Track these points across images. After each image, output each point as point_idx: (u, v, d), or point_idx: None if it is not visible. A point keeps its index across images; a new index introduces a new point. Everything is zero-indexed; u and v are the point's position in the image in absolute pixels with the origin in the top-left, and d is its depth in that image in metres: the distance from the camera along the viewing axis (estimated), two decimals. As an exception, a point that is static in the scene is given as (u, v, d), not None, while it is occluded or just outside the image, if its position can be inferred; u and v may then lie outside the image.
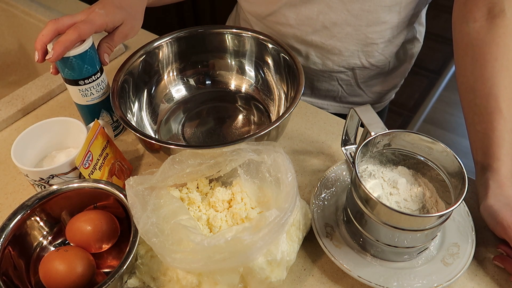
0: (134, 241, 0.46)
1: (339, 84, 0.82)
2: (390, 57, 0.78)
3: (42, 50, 0.55)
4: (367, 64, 0.77)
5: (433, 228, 0.46)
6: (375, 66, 0.78)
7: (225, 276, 0.45)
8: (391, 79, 0.84)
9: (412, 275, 0.49)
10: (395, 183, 0.50)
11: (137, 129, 0.56)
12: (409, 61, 0.83)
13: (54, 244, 0.53)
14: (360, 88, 0.83)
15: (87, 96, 0.61)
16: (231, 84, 0.74)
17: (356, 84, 0.82)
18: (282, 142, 0.68)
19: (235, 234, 0.44)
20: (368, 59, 0.76)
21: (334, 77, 0.80)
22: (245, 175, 0.54)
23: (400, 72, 0.84)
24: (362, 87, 0.83)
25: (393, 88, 0.87)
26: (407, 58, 0.83)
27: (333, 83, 0.82)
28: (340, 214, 0.55)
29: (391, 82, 0.85)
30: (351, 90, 0.83)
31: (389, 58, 0.77)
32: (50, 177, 0.54)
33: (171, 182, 0.51)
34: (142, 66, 0.68)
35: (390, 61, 0.79)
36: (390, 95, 0.90)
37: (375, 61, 0.77)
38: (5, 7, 0.97)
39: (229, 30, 0.71)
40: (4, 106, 0.73)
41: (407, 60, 0.83)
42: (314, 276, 0.52)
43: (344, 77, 0.80)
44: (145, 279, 0.49)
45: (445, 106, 2.02)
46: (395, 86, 0.87)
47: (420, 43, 0.83)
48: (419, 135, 0.49)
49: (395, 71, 0.83)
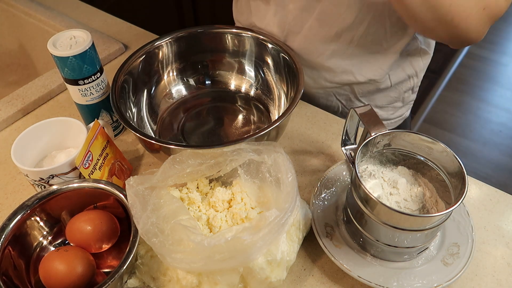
0: (134, 241, 0.46)
1: (337, 100, 0.77)
2: (388, 69, 0.71)
3: None
4: (363, 79, 0.72)
5: (433, 228, 0.46)
6: (373, 80, 0.72)
7: (225, 276, 0.45)
8: (397, 93, 0.77)
9: (412, 275, 0.49)
10: (395, 183, 0.50)
11: (137, 129, 0.56)
12: (417, 74, 0.76)
13: (54, 244, 0.53)
14: (362, 102, 0.77)
15: (87, 96, 0.61)
16: (231, 84, 0.74)
17: (356, 98, 0.76)
18: (282, 142, 0.68)
19: (235, 234, 0.44)
20: (362, 73, 0.71)
21: (330, 92, 0.75)
22: (245, 175, 0.54)
23: (405, 85, 0.76)
24: (364, 101, 0.76)
25: (402, 102, 0.79)
26: (414, 71, 0.75)
27: (330, 98, 0.77)
28: (340, 214, 0.55)
29: (397, 96, 0.77)
30: (352, 105, 0.77)
31: (386, 70, 0.71)
32: (50, 177, 0.54)
33: (171, 182, 0.51)
34: (142, 66, 0.68)
35: (390, 73, 0.72)
36: (403, 111, 0.81)
37: (372, 74, 0.71)
38: (5, 7, 0.97)
39: (228, 30, 0.71)
40: (4, 106, 0.73)
41: (415, 73, 0.75)
42: (314, 276, 0.52)
43: (342, 92, 0.75)
44: (145, 279, 0.49)
45: (445, 106, 2.02)
46: (403, 100, 0.79)
47: (429, 55, 0.75)
48: (419, 135, 0.49)
49: (401, 85, 0.76)
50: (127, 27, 0.94)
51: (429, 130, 1.90)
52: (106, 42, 0.86)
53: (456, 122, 1.95)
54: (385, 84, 0.74)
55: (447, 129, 1.92)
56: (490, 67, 2.23)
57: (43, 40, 0.93)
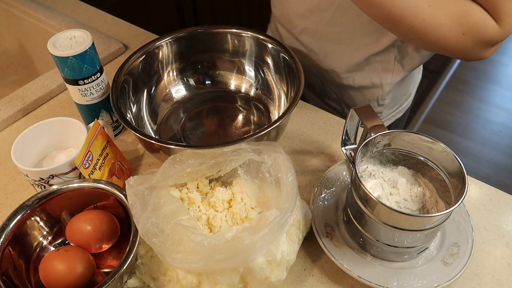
0: (134, 241, 0.46)
1: (332, 90, 0.79)
2: (351, 68, 0.71)
3: None
4: (325, 67, 0.73)
5: (433, 228, 0.46)
6: (335, 72, 0.73)
7: (225, 276, 0.45)
8: (362, 97, 0.76)
9: (412, 275, 0.49)
10: (395, 183, 0.50)
11: (137, 129, 0.56)
12: (382, 86, 0.74)
13: (54, 244, 0.53)
14: (332, 91, 0.78)
15: (87, 96, 0.61)
16: (231, 84, 0.74)
17: (325, 84, 0.78)
18: (282, 142, 0.68)
19: (235, 234, 0.44)
20: (327, 60, 0.72)
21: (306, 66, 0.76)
22: (245, 175, 0.54)
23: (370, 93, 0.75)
24: (334, 90, 0.78)
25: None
26: (380, 82, 0.73)
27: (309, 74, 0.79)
28: (340, 214, 0.55)
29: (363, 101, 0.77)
30: (324, 89, 0.79)
31: (350, 68, 0.71)
32: (50, 177, 0.54)
33: (171, 182, 0.51)
34: (142, 66, 0.68)
35: (355, 74, 0.72)
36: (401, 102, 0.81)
37: (335, 65, 0.72)
38: (5, 7, 0.97)
39: (228, 30, 0.71)
40: (4, 106, 0.73)
41: (380, 84, 0.74)
42: (314, 276, 0.52)
43: (315, 72, 0.77)
44: (145, 279, 0.49)
45: (445, 106, 2.02)
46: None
47: (402, 73, 0.72)
48: (419, 135, 0.49)
49: (365, 91, 0.75)
50: (127, 27, 0.94)
51: (429, 130, 1.90)
52: (106, 42, 0.86)
53: (456, 122, 1.95)
54: (348, 81, 0.74)
55: (447, 129, 1.92)
56: (490, 67, 2.23)
57: (43, 40, 0.93)
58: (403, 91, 0.79)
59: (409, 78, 0.78)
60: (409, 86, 0.80)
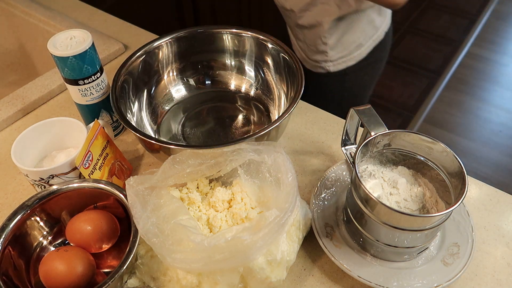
0: (134, 241, 0.46)
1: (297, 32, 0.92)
2: (303, 6, 0.84)
3: None
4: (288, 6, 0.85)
5: (433, 228, 0.46)
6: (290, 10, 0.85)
7: (225, 276, 0.45)
8: (313, 36, 0.88)
9: (412, 275, 0.49)
10: (395, 183, 0.50)
11: (137, 129, 0.56)
12: (321, 24, 0.85)
13: (54, 244, 0.53)
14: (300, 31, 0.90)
15: (87, 96, 0.61)
16: (231, 84, 0.74)
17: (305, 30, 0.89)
18: (282, 142, 0.68)
19: (235, 234, 0.44)
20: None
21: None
22: (245, 175, 0.54)
23: (316, 31, 0.86)
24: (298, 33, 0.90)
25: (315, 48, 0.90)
26: (321, 20, 0.85)
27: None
28: (340, 214, 0.55)
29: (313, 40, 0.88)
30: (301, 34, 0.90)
31: (302, 7, 0.84)
32: (50, 177, 0.54)
33: (171, 182, 0.51)
34: (142, 66, 0.68)
35: (305, 14, 0.85)
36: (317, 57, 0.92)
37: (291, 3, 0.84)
38: (5, 7, 0.97)
39: (228, 30, 0.71)
40: (4, 106, 0.73)
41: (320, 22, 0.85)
42: (314, 276, 0.52)
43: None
44: (145, 279, 0.49)
45: (445, 106, 2.02)
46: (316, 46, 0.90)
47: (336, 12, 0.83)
48: (419, 135, 0.49)
49: (313, 29, 0.87)
50: (127, 27, 0.94)
51: (429, 130, 1.90)
52: (106, 42, 0.86)
53: (456, 122, 1.95)
54: (302, 21, 0.87)
55: (447, 129, 1.92)
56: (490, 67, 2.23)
57: (43, 40, 0.93)
58: (351, 38, 0.88)
59: (355, 25, 0.86)
60: (358, 35, 0.88)
